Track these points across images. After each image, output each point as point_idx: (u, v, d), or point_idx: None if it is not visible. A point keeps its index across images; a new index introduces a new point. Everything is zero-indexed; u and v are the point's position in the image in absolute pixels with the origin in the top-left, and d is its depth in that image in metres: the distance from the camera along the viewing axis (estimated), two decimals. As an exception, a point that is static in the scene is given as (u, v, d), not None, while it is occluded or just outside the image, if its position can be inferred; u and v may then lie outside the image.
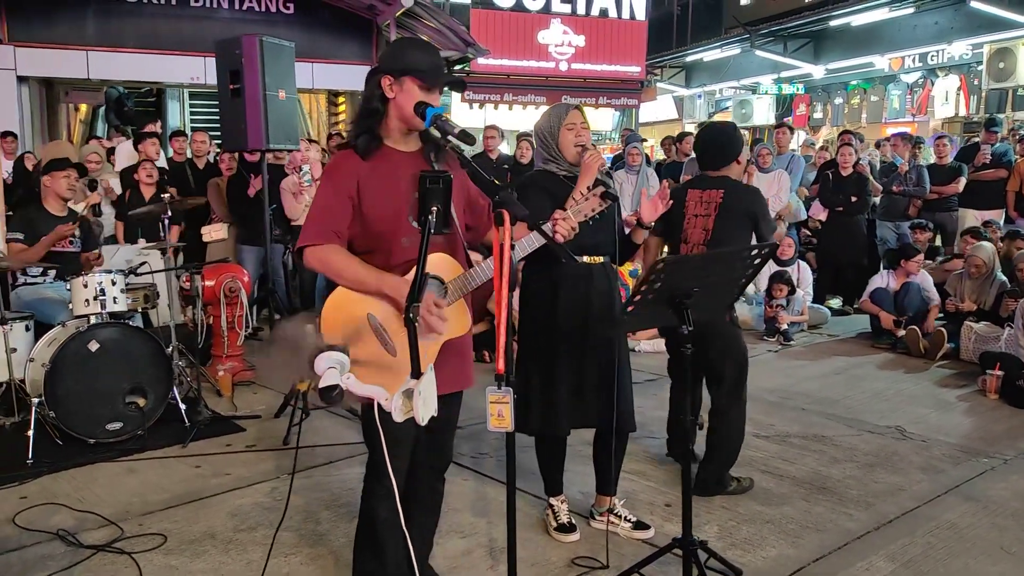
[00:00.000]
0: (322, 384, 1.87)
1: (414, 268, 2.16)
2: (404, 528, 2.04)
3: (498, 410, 2.29)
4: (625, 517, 3.49)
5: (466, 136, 2.30)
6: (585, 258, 3.21)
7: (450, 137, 2.30)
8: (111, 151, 8.91)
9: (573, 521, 3.48)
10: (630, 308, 2.53)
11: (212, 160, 7.98)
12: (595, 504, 3.58)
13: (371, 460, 2.49)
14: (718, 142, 3.91)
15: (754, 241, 3.83)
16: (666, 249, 4.11)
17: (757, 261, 2.69)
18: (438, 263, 2.37)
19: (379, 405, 1.89)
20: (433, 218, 2.03)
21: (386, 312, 2.26)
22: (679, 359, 4.03)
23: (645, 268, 3.99)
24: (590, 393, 3.26)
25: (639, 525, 3.46)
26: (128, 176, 7.49)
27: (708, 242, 3.78)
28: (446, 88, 2.49)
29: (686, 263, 2.51)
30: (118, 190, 7.49)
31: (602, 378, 3.22)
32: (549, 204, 2.92)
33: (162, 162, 7.96)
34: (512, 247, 2.20)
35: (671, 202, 3.16)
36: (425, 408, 1.85)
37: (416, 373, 1.90)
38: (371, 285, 2.27)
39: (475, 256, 2.52)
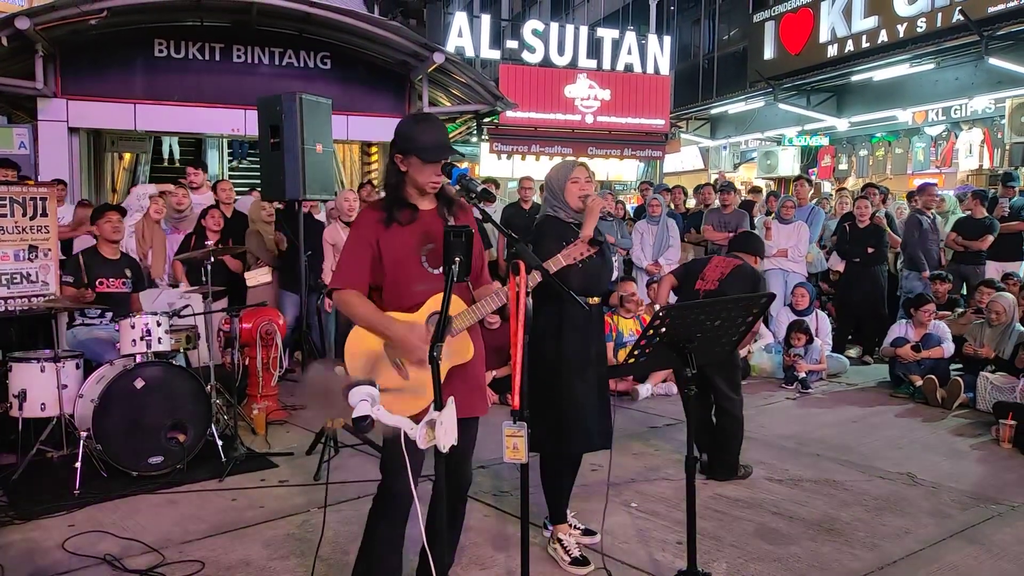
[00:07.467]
0: (355, 415, 2.11)
1: (418, 311, 2.64)
2: (401, 540, 2.25)
3: (513, 443, 2.52)
4: (575, 525, 3.87)
5: (487, 194, 2.57)
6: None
7: (472, 194, 2.57)
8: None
9: (585, 554, 3.65)
10: (636, 352, 2.75)
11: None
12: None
13: (383, 484, 2.82)
14: (752, 244, 5.16)
15: None
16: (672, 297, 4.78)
17: (756, 309, 2.90)
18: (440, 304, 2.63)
19: (405, 433, 2.12)
20: (456, 268, 2.28)
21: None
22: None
23: (656, 299, 5.39)
24: (593, 419, 3.57)
25: (588, 532, 3.88)
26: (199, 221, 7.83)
27: (720, 280, 4.71)
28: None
29: (688, 311, 2.73)
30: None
31: (600, 403, 3.57)
32: (557, 247, 3.13)
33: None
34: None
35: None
36: (446, 436, 2.08)
37: (439, 405, 2.13)
38: (378, 328, 2.67)
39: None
